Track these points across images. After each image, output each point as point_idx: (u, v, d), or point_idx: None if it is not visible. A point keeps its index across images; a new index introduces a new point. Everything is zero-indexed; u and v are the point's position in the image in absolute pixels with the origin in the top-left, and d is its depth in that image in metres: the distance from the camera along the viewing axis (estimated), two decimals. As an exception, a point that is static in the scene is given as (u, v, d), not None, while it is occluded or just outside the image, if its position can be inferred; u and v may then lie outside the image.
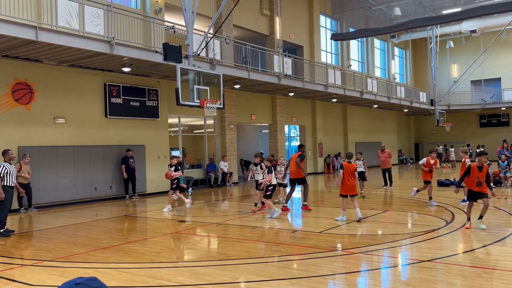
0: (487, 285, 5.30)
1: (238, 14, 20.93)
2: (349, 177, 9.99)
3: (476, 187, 8.49)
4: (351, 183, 9.99)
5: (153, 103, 17.38)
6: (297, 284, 5.55)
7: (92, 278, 1.51)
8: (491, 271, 5.83)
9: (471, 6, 28.72)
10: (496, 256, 6.66)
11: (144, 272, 6.24)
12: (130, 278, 5.96)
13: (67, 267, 6.61)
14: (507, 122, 38.04)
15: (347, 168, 10.03)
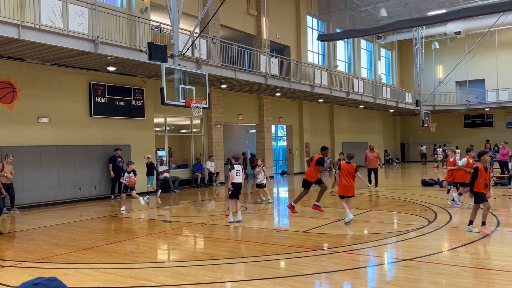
0: (465, 283, 5.38)
1: (225, 14, 20.92)
2: (346, 178, 9.78)
3: (484, 189, 8.08)
4: (348, 184, 9.80)
5: (139, 103, 17.29)
6: (279, 283, 5.57)
7: (52, 278, 1.51)
8: (469, 269, 5.92)
9: (456, 8, 29.11)
10: (475, 255, 6.76)
11: (126, 273, 6.21)
12: (111, 279, 5.92)
13: (48, 268, 6.54)
14: (491, 122, 38.58)
15: (345, 168, 9.84)
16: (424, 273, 6.01)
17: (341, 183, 9.88)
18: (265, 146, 24.78)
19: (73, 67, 15.03)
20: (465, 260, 6.44)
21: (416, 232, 8.54)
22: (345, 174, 9.80)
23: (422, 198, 13.85)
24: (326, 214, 11.46)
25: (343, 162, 10.04)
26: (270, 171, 25.23)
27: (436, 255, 6.84)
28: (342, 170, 9.83)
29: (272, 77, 20.70)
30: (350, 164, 9.92)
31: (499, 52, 36.67)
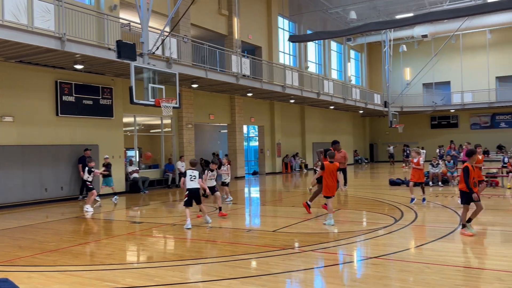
0: (429, 279, 5.52)
1: (196, 13, 20.81)
2: (331, 178, 9.58)
3: (474, 188, 7.95)
4: (333, 184, 9.61)
5: (107, 102, 16.99)
6: (248, 283, 5.58)
7: (3, 279, 1.47)
8: (433, 266, 6.09)
9: (423, 11, 29.88)
10: (439, 252, 6.94)
11: (92, 275, 6.09)
12: (77, 281, 5.80)
13: (10, 271, 6.35)
14: (456, 123, 39.76)
15: (329, 168, 9.62)
16: (390, 270, 6.14)
17: (327, 184, 9.61)
18: (236, 146, 24.78)
19: (39, 64, 14.63)
20: (429, 257, 6.61)
21: (384, 231, 8.72)
22: (329, 173, 9.60)
23: (389, 197, 14.14)
24: (295, 213, 11.56)
25: (327, 162, 9.73)
26: (241, 171, 25.25)
27: (402, 252, 7.00)
28: (327, 170, 9.60)
29: (243, 77, 20.72)
30: (334, 164, 9.73)
31: (464, 56, 37.85)
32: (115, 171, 17.27)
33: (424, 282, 5.42)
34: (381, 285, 5.36)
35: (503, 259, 6.38)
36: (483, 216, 10.58)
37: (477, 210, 8.07)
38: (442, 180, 17.62)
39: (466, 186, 7.87)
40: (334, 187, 9.68)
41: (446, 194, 14.88)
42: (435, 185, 17.39)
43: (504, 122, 37.76)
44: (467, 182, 7.86)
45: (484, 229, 8.87)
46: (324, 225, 9.34)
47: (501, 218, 10.06)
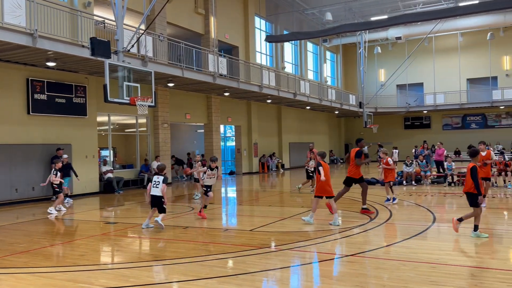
0: (404, 276, 5.60)
1: (172, 12, 20.62)
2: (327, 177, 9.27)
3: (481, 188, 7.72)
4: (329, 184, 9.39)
5: (81, 100, 16.65)
6: (225, 282, 5.54)
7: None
8: (408, 263, 6.17)
9: (397, 14, 30.38)
10: (413, 249, 7.05)
11: (64, 276, 5.94)
12: (48, 283, 5.64)
13: (-21, 273, 6.13)
14: (428, 124, 40.60)
15: (327, 168, 9.32)
16: (366, 268, 6.20)
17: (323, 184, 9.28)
18: (213, 146, 24.66)
19: (10, 61, 14.21)
20: (404, 255, 6.71)
21: (359, 229, 8.80)
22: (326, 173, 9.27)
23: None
24: (272, 213, 11.57)
25: (324, 162, 9.41)
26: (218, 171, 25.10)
27: (377, 250, 7.08)
28: (325, 169, 9.23)
29: (220, 76, 20.64)
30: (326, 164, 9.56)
31: (436, 58, 38.69)
32: (89, 172, 16.99)
33: (399, 279, 5.49)
34: (357, 282, 5.40)
35: (475, 256, 6.53)
36: (455, 214, 10.81)
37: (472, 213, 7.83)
38: (416, 179, 17.95)
39: (476, 188, 7.57)
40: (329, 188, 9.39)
41: (419, 193, 15.16)
42: (408, 184, 17.69)
43: (474, 123, 38.76)
44: (477, 184, 7.56)
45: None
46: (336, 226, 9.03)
47: (472, 216, 10.28)
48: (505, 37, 36.44)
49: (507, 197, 13.48)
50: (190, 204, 13.74)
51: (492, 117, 38.12)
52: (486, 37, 35.33)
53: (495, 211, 11.06)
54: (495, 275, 5.53)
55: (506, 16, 30.78)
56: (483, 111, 37.98)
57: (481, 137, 36.58)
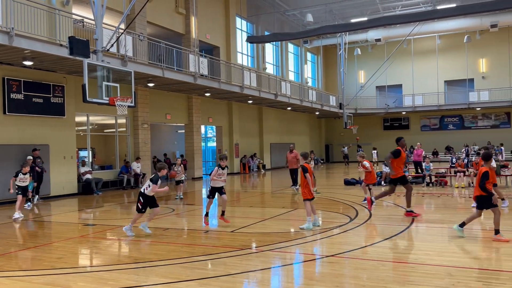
0: (383, 276, 5.66)
1: (152, 11, 20.44)
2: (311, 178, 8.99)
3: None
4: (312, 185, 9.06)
5: (59, 100, 16.37)
6: (206, 284, 5.52)
7: None
8: (387, 263, 6.25)
9: (376, 16, 30.78)
10: (392, 250, 7.15)
11: (42, 280, 5.82)
12: (25, 287, 5.53)
13: (-48, 278, 5.96)
14: (407, 125, 41.20)
15: (310, 169, 9.01)
16: (346, 268, 6.25)
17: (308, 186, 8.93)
18: (194, 146, 24.54)
19: (-16, 60, 13.90)
20: (383, 255, 6.79)
21: (339, 229, 8.87)
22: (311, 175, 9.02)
23: (344, 196, 14.44)
24: (253, 214, 11.58)
25: (308, 164, 9.05)
26: (199, 172, 25.04)
27: (356, 250, 7.15)
28: (310, 172, 8.96)
29: (201, 77, 20.56)
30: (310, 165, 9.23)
31: (415, 60, 39.31)
32: (67, 172, 16.72)
33: (378, 279, 5.55)
34: (337, 283, 5.44)
35: (453, 255, 6.64)
36: (433, 214, 11.01)
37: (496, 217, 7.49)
38: (395, 180, 18.16)
39: (484, 189, 7.35)
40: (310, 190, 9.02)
41: (398, 193, 15.34)
42: (388, 184, 17.88)
43: (452, 124, 39.49)
44: (483, 186, 7.35)
45: (434, 226, 9.21)
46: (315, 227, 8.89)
47: (450, 216, 10.48)
48: (481, 40, 37.25)
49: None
50: (171, 205, 13.64)
51: (469, 118, 38.90)
52: (463, 40, 36.05)
53: (471, 211, 11.28)
54: (471, 274, 5.64)
55: (482, 20, 31.48)
56: (460, 112, 38.73)
57: (458, 138, 37.47)
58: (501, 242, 7.26)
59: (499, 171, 16.96)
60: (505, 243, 7.18)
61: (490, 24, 31.38)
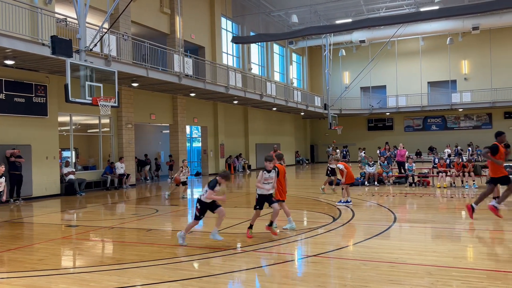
0: (365, 276, 5.73)
1: (136, 11, 20.31)
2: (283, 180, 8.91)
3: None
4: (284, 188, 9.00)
5: (41, 100, 16.17)
6: (188, 285, 5.52)
7: None
8: (369, 263, 6.32)
9: (361, 17, 31.05)
10: (374, 249, 7.22)
11: (22, 282, 5.75)
12: (5, 289, 5.46)
13: None
14: (391, 126, 41.63)
15: (283, 171, 8.87)
16: (329, 268, 6.31)
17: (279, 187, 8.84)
18: (179, 147, 24.44)
19: (-36, 59, 13.66)
20: (365, 254, 6.86)
21: (323, 229, 8.94)
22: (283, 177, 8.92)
23: (329, 196, 14.54)
24: (237, 214, 11.58)
25: (280, 165, 8.91)
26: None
27: (340, 250, 7.22)
28: (281, 173, 8.74)
29: (186, 77, 20.49)
30: (282, 166, 9.14)
31: (399, 61, 39.74)
32: (50, 173, 16.54)
33: (360, 278, 5.62)
34: (319, 282, 5.49)
35: (433, 255, 6.74)
36: (415, 214, 11.16)
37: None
38: (378, 180, 18.36)
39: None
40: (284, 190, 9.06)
41: (381, 193, 15.53)
42: (371, 184, 18.09)
43: (435, 125, 40.03)
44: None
45: (415, 226, 9.34)
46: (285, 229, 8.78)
47: (432, 215, 10.63)
48: (463, 42, 37.84)
49: (464, 197, 13.99)
50: (155, 206, 13.58)
51: (451, 119, 39.48)
52: (445, 41, 36.56)
53: (452, 211, 11.47)
54: (451, 273, 5.74)
55: (464, 22, 31.99)
56: (443, 113, 39.28)
57: (441, 138, 38.00)
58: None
59: (480, 171, 17.27)
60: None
61: (471, 26, 31.90)
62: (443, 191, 15.70)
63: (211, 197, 7.66)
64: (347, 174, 12.72)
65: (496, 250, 7.22)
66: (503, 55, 36.19)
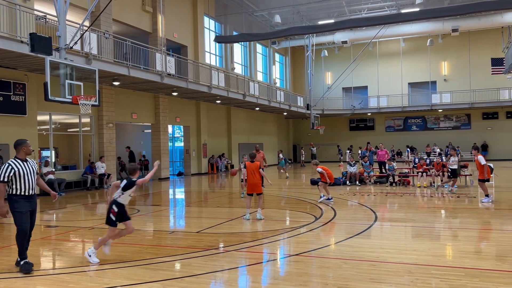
0: (346, 274, 5.78)
1: (118, 8, 20.09)
2: (252, 176, 10.18)
3: None
4: (254, 182, 10.21)
5: (20, 98, 15.87)
6: (169, 285, 5.48)
7: None
8: (350, 262, 6.38)
9: (343, 18, 31.30)
10: (355, 248, 7.29)
11: (-1, 284, 5.64)
12: (-19, 292, 5.34)
13: None
14: (372, 126, 42.06)
15: (249, 167, 10.24)
16: (311, 267, 6.34)
17: (248, 182, 10.33)
18: (161, 146, 24.26)
19: None
20: (346, 253, 6.92)
21: (305, 228, 8.98)
22: (250, 172, 10.19)
23: (311, 196, 14.61)
24: (220, 214, 11.56)
25: (248, 162, 10.41)
26: (166, 172, 24.78)
27: (321, 249, 7.26)
28: (248, 169, 10.23)
29: (168, 76, 20.35)
30: (254, 163, 10.33)
31: (380, 62, 40.17)
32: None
33: (341, 277, 5.66)
34: (301, 281, 5.51)
35: (413, 253, 6.84)
36: (395, 213, 11.30)
37: None
38: (359, 180, 18.54)
39: None
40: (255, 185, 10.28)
41: (362, 192, 15.67)
42: (352, 184, 18.25)
43: (415, 125, 40.58)
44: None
45: (396, 225, 9.46)
46: (247, 220, 10.00)
47: (412, 214, 10.78)
48: (444, 43, 38.45)
49: (443, 196, 14.21)
50: (135, 206, 13.46)
51: (431, 119, 40.07)
52: (426, 43, 37.09)
53: (432, 210, 11.65)
54: (430, 271, 5.83)
55: (444, 24, 32.50)
56: (423, 114, 39.85)
57: (421, 139, 38.54)
58: None
59: (459, 171, 17.57)
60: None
61: (451, 28, 32.43)
62: (423, 191, 15.92)
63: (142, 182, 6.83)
64: (328, 175, 12.92)
65: (474, 248, 7.36)
66: (481, 57, 36.88)
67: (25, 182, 6.24)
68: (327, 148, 40.70)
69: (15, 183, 6.19)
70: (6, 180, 6.12)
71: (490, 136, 37.66)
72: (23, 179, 6.22)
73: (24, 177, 6.23)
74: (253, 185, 10.24)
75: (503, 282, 5.34)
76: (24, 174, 6.24)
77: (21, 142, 6.52)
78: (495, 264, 6.17)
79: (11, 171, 6.18)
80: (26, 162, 6.40)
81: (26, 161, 6.43)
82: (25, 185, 6.23)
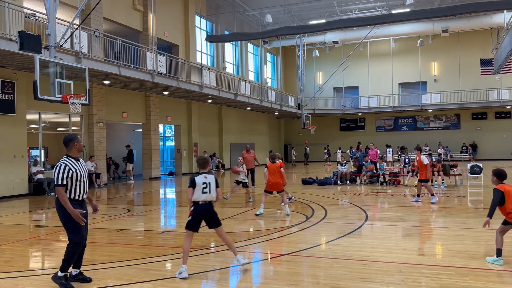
0: (337, 273, 5.79)
1: (108, 7, 19.97)
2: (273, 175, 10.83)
3: None
4: (274, 181, 10.85)
5: (9, 97, 15.70)
6: (160, 285, 5.45)
7: None
8: (341, 261, 6.39)
9: (334, 18, 31.40)
10: (346, 247, 7.31)
11: (-13, 285, 5.57)
12: (-32, 293, 5.27)
13: None
14: (363, 126, 42.27)
15: (271, 167, 10.92)
16: (302, 266, 6.34)
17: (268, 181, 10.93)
18: (151, 146, 24.15)
19: None
20: (337, 253, 6.94)
21: (296, 228, 8.99)
22: (272, 172, 10.86)
23: (302, 195, 14.65)
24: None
25: (269, 162, 11.07)
26: (157, 171, 24.67)
27: (312, 249, 7.27)
28: (269, 169, 10.92)
29: (159, 75, 20.26)
30: (275, 164, 10.97)
31: (370, 62, 40.38)
32: (17, 172, 16.10)
33: (332, 276, 5.68)
34: (292, 281, 5.52)
35: (403, 252, 6.88)
36: (386, 212, 11.36)
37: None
38: (350, 179, 18.61)
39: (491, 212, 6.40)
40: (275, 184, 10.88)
41: (353, 192, 15.74)
42: (343, 183, 18.32)
43: (405, 125, 40.85)
44: (493, 208, 6.50)
45: (386, 224, 9.50)
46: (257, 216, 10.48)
47: (402, 214, 10.84)
48: (433, 44, 38.75)
49: (433, 195, 14.29)
50: (126, 206, 13.38)
51: (421, 119, 40.36)
52: (416, 43, 37.36)
53: (422, 209, 11.73)
54: (420, 271, 5.87)
55: (434, 25, 32.76)
56: (413, 114, 40.13)
57: (411, 138, 38.80)
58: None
59: (449, 170, 17.72)
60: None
61: (441, 29, 32.70)
62: (413, 190, 16.00)
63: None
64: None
65: (464, 247, 7.42)
66: (470, 57, 37.22)
67: (81, 185, 5.43)
68: (319, 147, 40.82)
69: (70, 186, 5.35)
70: (65, 183, 5.28)
71: (479, 136, 38.03)
72: (79, 182, 5.41)
73: (80, 179, 5.41)
74: (274, 184, 10.86)
75: (492, 281, 5.39)
76: (81, 176, 5.43)
77: (72, 137, 5.60)
78: (485, 263, 6.22)
79: (69, 172, 5.31)
80: (79, 162, 5.55)
81: (79, 161, 5.57)
82: (80, 188, 5.43)
